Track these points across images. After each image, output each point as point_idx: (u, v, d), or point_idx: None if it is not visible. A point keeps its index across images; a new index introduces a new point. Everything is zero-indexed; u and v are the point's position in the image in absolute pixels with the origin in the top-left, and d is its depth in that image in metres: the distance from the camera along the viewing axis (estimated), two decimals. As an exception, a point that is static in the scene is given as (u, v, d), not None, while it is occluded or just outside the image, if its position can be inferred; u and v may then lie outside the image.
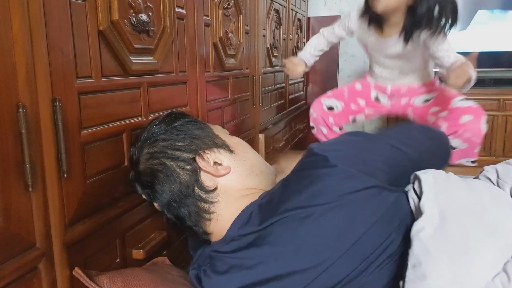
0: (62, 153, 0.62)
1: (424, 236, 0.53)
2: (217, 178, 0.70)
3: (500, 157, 2.43)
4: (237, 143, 0.77)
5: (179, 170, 0.69)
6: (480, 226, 0.54)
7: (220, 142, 0.74)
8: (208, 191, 0.69)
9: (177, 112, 0.80)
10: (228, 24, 1.33)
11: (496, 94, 2.41)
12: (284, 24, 2.16)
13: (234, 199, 0.69)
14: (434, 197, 0.58)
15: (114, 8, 0.73)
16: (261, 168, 0.76)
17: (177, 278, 0.71)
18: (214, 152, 0.71)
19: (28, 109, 0.56)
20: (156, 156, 0.70)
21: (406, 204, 0.63)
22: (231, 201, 0.69)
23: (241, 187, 0.71)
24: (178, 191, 0.69)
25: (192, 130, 0.73)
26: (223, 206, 0.69)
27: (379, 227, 0.58)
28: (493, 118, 2.41)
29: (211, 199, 0.69)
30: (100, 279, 0.61)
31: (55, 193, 0.62)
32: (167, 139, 0.71)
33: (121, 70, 0.78)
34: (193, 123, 0.76)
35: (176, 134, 0.72)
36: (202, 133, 0.74)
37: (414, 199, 0.62)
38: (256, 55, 1.67)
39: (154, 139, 0.72)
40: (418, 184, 0.63)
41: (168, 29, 0.91)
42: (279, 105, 2.12)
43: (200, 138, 0.72)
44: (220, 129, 0.79)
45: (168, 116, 0.77)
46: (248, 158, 0.75)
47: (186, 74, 1.04)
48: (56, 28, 0.61)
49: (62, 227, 0.64)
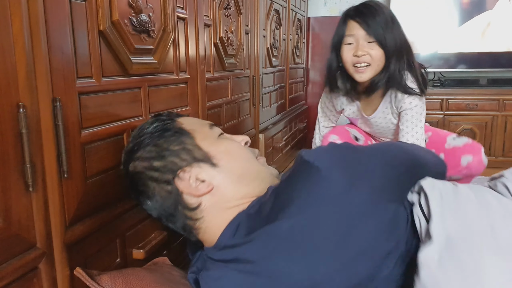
0: (62, 153, 0.62)
1: (432, 264, 0.50)
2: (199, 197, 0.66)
3: (499, 157, 2.43)
4: (223, 151, 0.69)
5: (161, 191, 0.67)
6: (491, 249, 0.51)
7: (201, 156, 0.67)
8: (191, 209, 0.67)
9: (163, 116, 0.74)
10: (228, 24, 1.33)
11: (496, 94, 2.41)
12: (284, 24, 2.16)
13: (222, 211, 0.67)
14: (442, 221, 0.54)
15: (115, 8, 0.73)
16: (254, 175, 0.70)
17: (178, 279, 0.71)
18: (195, 168, 0.66)
19: (28, 109, 0.56)
20: (138, 176, 0.69)
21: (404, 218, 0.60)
22: (218, 214, 0.67)
23: (229, 198, 0.67)
24: (163, 209, 0.69)
25: (171, 145, 0.68)
26: (209, 219, 0.67)
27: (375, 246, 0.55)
28: (492, 118, 2.41)
29: (196, 215, 0.67)
30: (102, 279, 0.61)
31: (55, 193, 0.62)
32: (146, 158, 0.68)
33: (122, 70, 0.78)
34: (174, 134, 0.69)
35: (156, 152, 0.68)
36: (182, 147, 0.68)
37: (421, 219, 0.58)
38: (256, 55, 1.67)
39: (136, 156, 0.70)
40: (424, 201, 0.59)
41: (169, 29, 0.91)
42: (279, 105, 2.12)
43: (179, 155, 0.67)
44: (207, 134, 0.71)
45: (152, 123, 0.72)
46: (235, 168, 0.68)
47: (186, 74, 1.04)
48: (57, 28, 0.61)
49: (62, 227, 0.64)
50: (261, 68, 1.76)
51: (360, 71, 1.33)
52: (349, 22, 1.34)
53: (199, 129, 0.71)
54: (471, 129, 2.46)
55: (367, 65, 1.32)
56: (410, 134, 1.39)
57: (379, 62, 1.32)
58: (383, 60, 1.33)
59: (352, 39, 1.33)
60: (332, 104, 1.55)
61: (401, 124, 1.42)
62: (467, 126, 2.46)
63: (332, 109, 1.56)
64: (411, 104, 1.37)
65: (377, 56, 1.31)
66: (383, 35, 1.29)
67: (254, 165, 0.71)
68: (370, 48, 1.31)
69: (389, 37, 1.30)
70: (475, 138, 2.44)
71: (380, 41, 1.30)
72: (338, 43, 1.38)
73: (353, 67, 1.35)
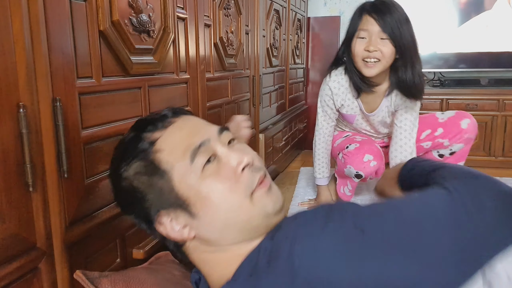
0: (62, 153, 0.62)
1: None
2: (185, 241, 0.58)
3: (499, 157, 2.43)
4: (204, 198, 0.54)
5: (147, 228, 0.59)
6: None
7: (177, 203, 0.55)
8: (178, 247, 0.59)
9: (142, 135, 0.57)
10: (228, 25, 1.34)
11: (496, 94, 2.41)
12: (284, 25, 2.16)
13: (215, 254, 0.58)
14: None
15: (115, 8, 0.73)
16: (241, 224, 0.55)
17: (180, 279, 0.71)
18: (172, 213, 0.56)
19: (28, 109, 0.56)
20: (123, 212, 0.61)
21: None
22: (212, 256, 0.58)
23: (218, 244, 0.57)
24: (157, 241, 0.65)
25: (144, 188, 0.56)
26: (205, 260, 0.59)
27: None
28: (492, 118, 2.41)
29: (188, 252, 0.60)
30: (102, 283, 0.60)
31: (55, 193, 0.62)
32: (119, 198, 0.60)
33: (122, 70, 0.78)
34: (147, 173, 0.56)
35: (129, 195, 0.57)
36: (156, 191, 0.55)
37: None
38: (256, 55, 1.67)
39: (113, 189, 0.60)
40: None
41: (169, 29, 0.91)
42: (279, 105, 2.12)
43: (153, 200, 0.56)
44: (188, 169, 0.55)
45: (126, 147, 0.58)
46: (217, 220, 0.55)
47: (186, 74, 1.04)
48: (57, 28, 0.61)
49: (62, 227, 0.64)
50: (261, 68, 1.76)
51: (369, 65, 1.35)
52: (365, 16, 1.35)
53: (179, 159, 0.55)
54: (471, 129, 2.46)
55: (377, 61, 1.34)
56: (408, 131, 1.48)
57: (388, 59, 1.34)
58: (392, 58, 1.35)
59: (366, 34, 1.35)
60: (333, 101, 1.55)
61: (398, 122, 1.48)
62: (467, 126, 2.46)
63: (333, 106, 1.57)
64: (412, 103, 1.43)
65: (387, 53, 1.33)
66: (397, 34, 1.31)
67: (242, 214, 0.55)
68: (382, 45, 1.32)
69: (402, 36, 1.32)
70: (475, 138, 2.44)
71: (394, 39, 1.32)
72: (351, 35, 1.40)
73: (362, 61, 1.36)
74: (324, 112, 1.60)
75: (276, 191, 0.58)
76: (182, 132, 0.57)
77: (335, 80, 1.51)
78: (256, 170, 0.56)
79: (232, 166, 0.55)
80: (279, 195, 0.58)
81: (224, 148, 0.57)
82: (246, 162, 0.55)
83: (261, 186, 0.56)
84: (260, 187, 0.56)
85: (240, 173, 0.55)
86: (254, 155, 0.59)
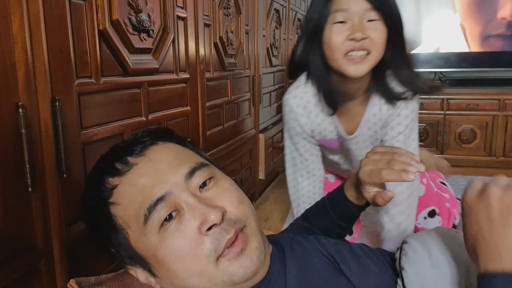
0: (61, 153, 0.62)
1: None
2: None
3: (500, 157, 2.43)
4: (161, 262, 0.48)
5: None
6: None
7: (138, 259, 0.50)
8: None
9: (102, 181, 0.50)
10: (228, 24, 1.33)
11: (496, 94, 2.40)
12: (284, 24, 2.15)
13: None
14: None
15: (114, 8, 0.73)
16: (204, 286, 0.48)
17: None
18: (134, 267, 0.52)
19: (28, 109, 0.56)
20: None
21: None
22: None
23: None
24: None
25: (106, 241, 0.51)
26: None
27: None
28: (493, 118, 2.41)
29: None
30: None
31: (54, 193, 0.62)
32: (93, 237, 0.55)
33: (121, 69, 0.77)
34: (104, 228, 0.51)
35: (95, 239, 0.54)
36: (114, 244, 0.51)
37: None
38: (256, 55, 1.67)
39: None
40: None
41: (168, 29, 0.91)
42: (279, 105, 2.12)
43: (115, 255, 0.52)
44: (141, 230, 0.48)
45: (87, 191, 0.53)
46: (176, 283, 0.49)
47: (186, 74, 1.04)
48: (56, 28, 0.61)
49: (61, 227, 0.64)
50: (261, 68, 1.76)
51: (356, 61, 0.89)
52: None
53: (133, 218, 0.48)
54: (471, 129, 2.45)
55: (367, 54, 0.89)
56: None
57: (380, 49, 0.90)
58: (384, 46, 0.91)
59: (345, 16, 0.88)
60: (301, 126, 1.04)
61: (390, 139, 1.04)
62: (468, 126, 2.46)
63: (305, 135, 1.06)
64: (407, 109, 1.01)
65: (380, 41, 0.89)
66: (388, 10, 0.89)
67: (204, 281, 0.47)
68: (372, 29, 0.88)
69: (394, 13, 0.91)
70: (475, 138, 2.44)
71: (388, 18, 0.89)
72: (320, 23, 0.91)
73: (345, 57, 0.89)
74: (296, 148, 1.10)
75: (252, 252, 0.48)
76: (141, 181, 0.48)
77: (297, 95, 1.02)
78: (229, 226, 0.47)
79: (194, 226, 0.46)
80: (255, 255, 0.48)
81: (191, 198, 0.47)
82: (212, 222, 0.45)
83: (231, 249, 0.46)
84: (229, 251, 0.46)
85: (205, 233, 0.46)
86: (232, 202, 0.49)
